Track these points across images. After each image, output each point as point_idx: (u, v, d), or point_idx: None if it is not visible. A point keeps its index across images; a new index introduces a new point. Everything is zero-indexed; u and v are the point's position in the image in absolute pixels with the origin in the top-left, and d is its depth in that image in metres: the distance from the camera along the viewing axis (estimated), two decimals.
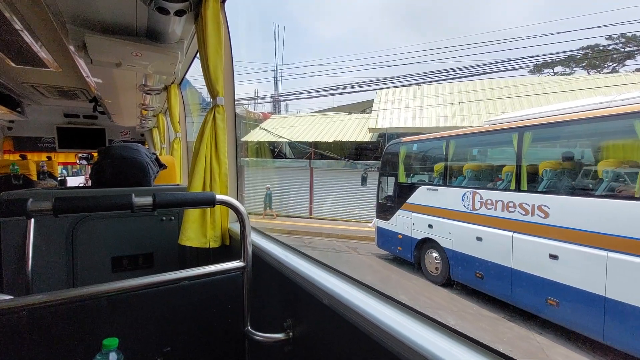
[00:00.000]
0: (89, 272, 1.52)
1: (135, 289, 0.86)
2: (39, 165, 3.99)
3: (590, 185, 3.96)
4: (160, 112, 3.59)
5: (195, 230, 1.41)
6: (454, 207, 5.46)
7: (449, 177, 5.84)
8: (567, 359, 3.79)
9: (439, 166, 6.11)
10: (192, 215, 1.41)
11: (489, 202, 4.86)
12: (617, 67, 14.14)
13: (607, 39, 13.76)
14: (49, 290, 0.77)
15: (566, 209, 3.96)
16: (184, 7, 1.30)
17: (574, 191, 4.08)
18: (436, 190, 5.98)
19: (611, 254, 3.47)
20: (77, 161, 5.16)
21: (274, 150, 15.79)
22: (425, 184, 6.36)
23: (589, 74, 14.49)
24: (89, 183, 2.29)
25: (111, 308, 0.83)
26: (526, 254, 4.33)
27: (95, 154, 4.54)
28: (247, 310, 1.01)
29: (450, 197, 5.55)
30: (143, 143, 4.73)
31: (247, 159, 15.91)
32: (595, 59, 14.18)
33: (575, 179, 4.21)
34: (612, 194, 3.63)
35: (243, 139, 15.80)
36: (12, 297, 0.76)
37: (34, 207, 0.70)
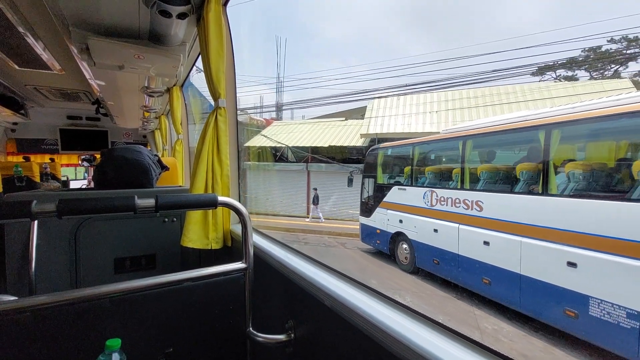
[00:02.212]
0: (92, 273, 1.52)
1: (137, 290, 0.86)
2: (42, 167, 4.01)
3: (511, 184, 4.82)
4: (162, 114, 3.61)
5: (198, 232, 1.42)
6: (418, 204, 6.36)
7: (414, 178, 6.74)
8: (493, 325, 4.58)
9: (407, 169, 7.01)
10: (194, 216, 1.42)
11: (442, 199, 5.77)
12: (619, 69, 14.07)
13: (608, 41, 13.72)
14: (52, 291, 0.78)
15: (494, 203, 4.85)
16: (186, 10, 1.31)
17: (500, 189, 4.99)
18: (405, 189, 6.88)
19: (524, 239, 4.26)
20: (80, 163, 5.19)
21: (276, 154, 16.47)
22: (397, 184, 7.25)
23: (591, 76, 14.54)
24: (92, 185, 2.30)
25: (114, 309, 0.83)
26: (467, 242, 5.16)
27: (98, 156, 4.57)
28: (249, 311, 1.01)
29: (415, 195, 6.45)
30: (145, 145, 4.75)
31: (249, 162, 16.42)
32: (597, 61, 14.13)
33: (502, 178, 5.09)
34: (525, 191, 4.46)
35: (246, 144, 16.45)
36: (16, 297, 0.76)
37: (38, 209, 0.71)
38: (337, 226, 12.09)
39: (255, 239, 1.23)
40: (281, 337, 0.95)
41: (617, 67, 13.97)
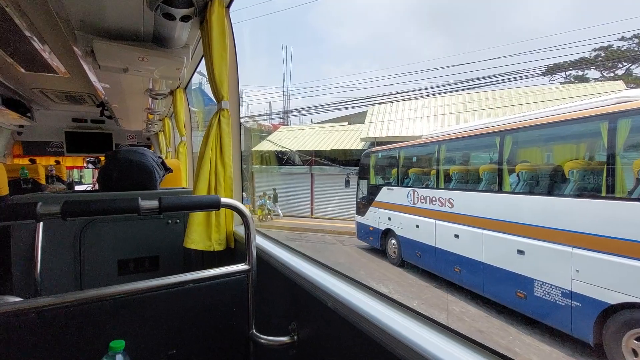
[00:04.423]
0: (96, 274, 1.53)
1: (141, 291, 0.86)
2: (48, 170, 4.04)
3: (477, 183, 5.37)
4: (166, 116, 3.63)
5: (200, 234, 1.42)
6: (403, 202, 7.00)
7: (400, 179, 7.43)
8: (461, 308, 5.14)
9: (394, 170, 7.72)
10: (197, 218, 1.42)
11: (422, 197, 6.43)
12: (632, 68, 13.87)
13: (619, 39, 13.55)
14: (57, 293, 0.78)
15: (462, 200, 5.44)
16: (190, 13, 1.32)
17: (468, 187, 5.57)
18: (393, 190, 7.52)
19: (485, 232, 4.80)
20: (85, 165, 5.23)
21: (283, 158, 17.11)
22: (386, 185, 7.90)
23: (602, 75, 14.48)
24: (97, 187, 2.31)
25: (118, 310, 0.84)
26: (442, 235, 5.77)
27: (103, 158, 4.60)
28: (252, 313, 1.01)
29: (401, 195, 7.09)
30: (149, 147, 4.78)
31: (257, 166, 17.15)
32: (609, 60, 13.95)
33: (470, 178, 5.64)
34: (488, 189, 5.06)
35: (254, 149, 17.23)
36: (21, 299, 0.77)
37: (44, 211, 0.71)
38: (337, 225, 12.63)
39: (258, 240, 1.23)
40: (284, 339, 0.94)
41: (629, 65, 13.80)
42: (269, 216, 14.32)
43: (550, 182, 4.32)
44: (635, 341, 3.20)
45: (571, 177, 3.93)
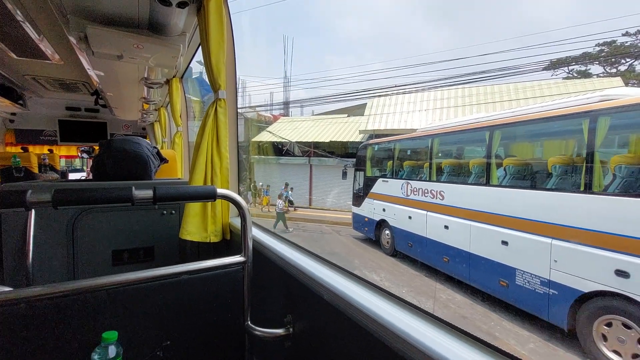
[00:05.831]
0: (90, 265, 1.51)
1: (135, 282, 0.85)
2: (41, 158, 3.99)
3: (467, 176, 5.56)
4: (161, 106, 3.58)
5: (196, 225, 1.41)
6: (397, 194, 7.20)
7: (395, 172, 7.61)
8: (447, 296, 5.38)
9: (390, 163, 7.89)
10: (193, 209, 1.41)
11: (415, 189, 6.64)
12: (634, 64, 13.84)
13: (624, 34, 13.48)
14: (49, 283, 0.77)
15: (452, 193, 5.66)
16: None
17: (458, 180, 5.78)
18: (387, 181, 7.68)
19: (473, 223, 5.03)
20: (79, 154, 5.17)
21: (283, 149, 17.32)
22: (382, 177, 8.07)
23: (605, 70, 14.49)
24: (91, 176, 2.28)
25: (111, 301, 0.83)
26: (433, 226, 6.00)
27: (97, 148, 4.55)
28: (248, 305, 1.00)
29: (395, 186, 7.27)
30: (144, 137, 4.73)
31: (257, 156, 17.43)
32: (612, 55, 13.91)
33: (461, 172, 5.86)
34: (477, 182, 5.23)
35: (254, 139, 17.43)
36: (11, 288, 0.75)
37: (33, 199, 0.70)
38: (335, 216, 12.86)
39: (255, 232, 1.22)
40: (279, 331, 0.94)
41: (632, 61, 13.76)
42: (291, 208, 14.37)
43: (534, 177, 4.52)
44: (605, 327, 3.41)
45: (554, 172, 4.12)
